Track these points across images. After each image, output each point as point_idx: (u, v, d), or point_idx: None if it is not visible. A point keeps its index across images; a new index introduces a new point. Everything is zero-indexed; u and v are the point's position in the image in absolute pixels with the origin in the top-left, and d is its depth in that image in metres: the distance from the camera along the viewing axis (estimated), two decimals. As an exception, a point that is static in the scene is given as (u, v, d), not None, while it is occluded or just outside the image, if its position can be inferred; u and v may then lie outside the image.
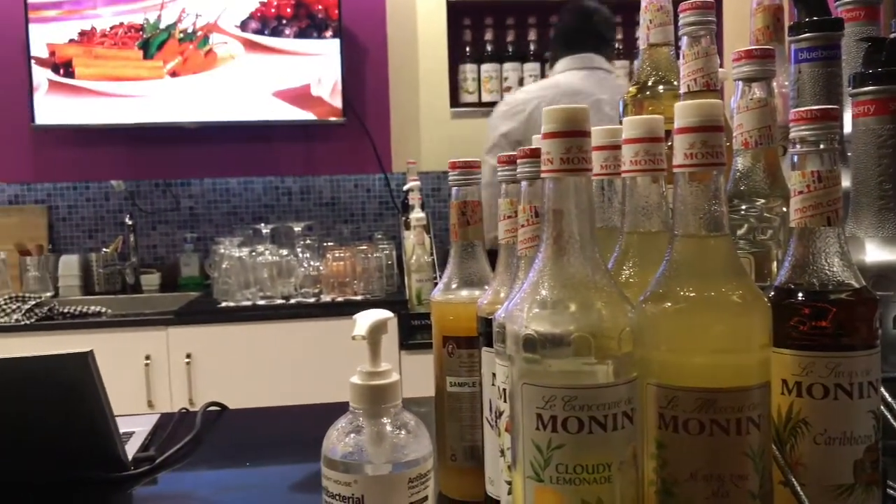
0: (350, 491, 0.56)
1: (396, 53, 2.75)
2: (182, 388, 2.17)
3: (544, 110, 0.54)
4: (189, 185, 2.83)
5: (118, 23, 2.53)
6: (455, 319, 0.78)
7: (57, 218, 2.79)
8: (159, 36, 2.55)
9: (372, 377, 0.58)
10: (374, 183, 2.92)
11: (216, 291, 2.37)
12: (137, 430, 1.00)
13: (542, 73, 2.87)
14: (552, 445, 0.51)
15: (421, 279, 2.34)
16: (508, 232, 0.70)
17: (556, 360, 0.52)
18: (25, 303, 2.16)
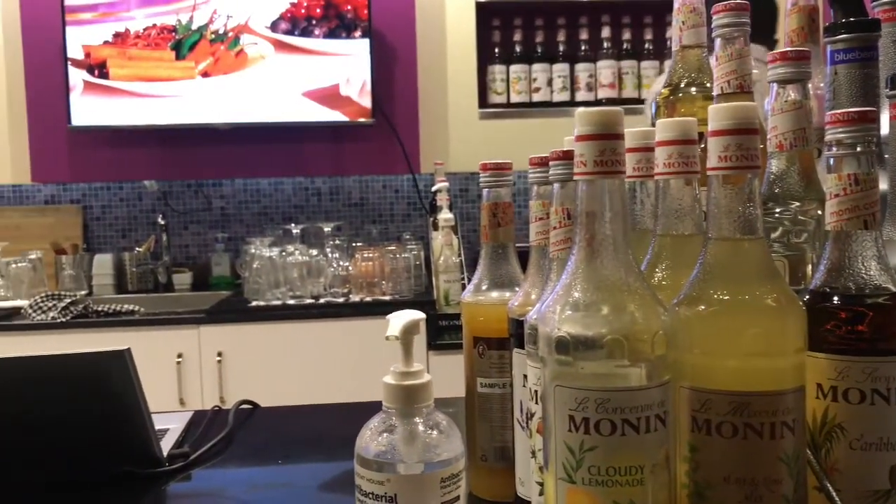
0: (383, 490, 0.56)
1: (425, 54, 2.76)
2: (213, 386, 2.19)
3: (577, 112, 0.54)
4: (220, 185, 2.86)
5: (151, 24, 2.57)
6: (485, 321, 0.79)
7: (91, 218, 2.84)
8: (191, 37, 2.58)
9: (405, 377, 0.59)
10: (402, 184, 2.93)
11: (247, 291, 2.39)
12: (172, 427, 1.02)
13: (571, 73, 2.86)
14: (584, 447, 0.51)
15: (449, 280, 2.35)
16: (540, 234, 0.71)
17: (588, 363, 0.52)
18: (61, 301, 2.20)
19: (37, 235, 2.71)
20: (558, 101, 2.86)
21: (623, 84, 2.89)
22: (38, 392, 0.80)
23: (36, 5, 2.61)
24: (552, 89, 2.87)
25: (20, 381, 0.79)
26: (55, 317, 2.17)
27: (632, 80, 2.89)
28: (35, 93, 2.64)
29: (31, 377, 0.79)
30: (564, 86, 2.86)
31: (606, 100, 2.86)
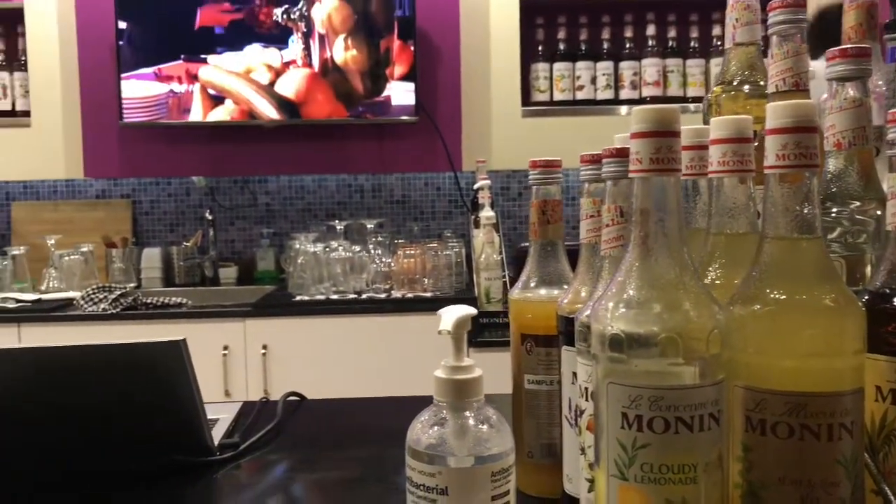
0: (434, 482, 0.57)
1: (469, 52, 2.76)
2: (257, 379, 2.23)
3: (634, 109, 0.54)
4: (266, 182, 2.91)
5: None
6: (533, 318, 0.79)
7: (140, 212, 2.90)
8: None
9: (456, 371, 0.60)
10: (443, 181, 2.94)
11: (291, 285, 2.43)
12: (222, 418, 1.04)
13: (615, 71, 2.84)
14: (637, 444, 0.51)
15: (490, 277, 2.35)
16: (591, 231, 0.71)
17: (642, 360, 0.52)
18: (112, 293, 2.26)
19: (88, 229, 2.79)
20: (602, 100, 2.84)
21: (668, 82, 2.85)
22: (94, 381, 0.82)
23: (90, 2, 2.68)
24: (596, 87, 2.85)
25: (77, 369, 0.82)
26: (106, 308, 2.22)
27: (677, 78, 2.85)
28: (88, 90, 2.70)
29: (88, 366, 0.82)
30: (608, 84, 2.84)
31: (651, 98, 2.83)
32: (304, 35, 2.62)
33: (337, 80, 2.63)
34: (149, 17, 2.62)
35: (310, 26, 2.61)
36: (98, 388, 0.81)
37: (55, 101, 2.67)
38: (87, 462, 0.87)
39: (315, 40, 2.62)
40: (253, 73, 2.61)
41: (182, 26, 2.60)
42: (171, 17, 2.62)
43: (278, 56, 2.62)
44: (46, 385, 0.80)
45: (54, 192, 2.90)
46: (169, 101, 2.60)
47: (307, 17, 2.60)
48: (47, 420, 0.83)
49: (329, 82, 2.63)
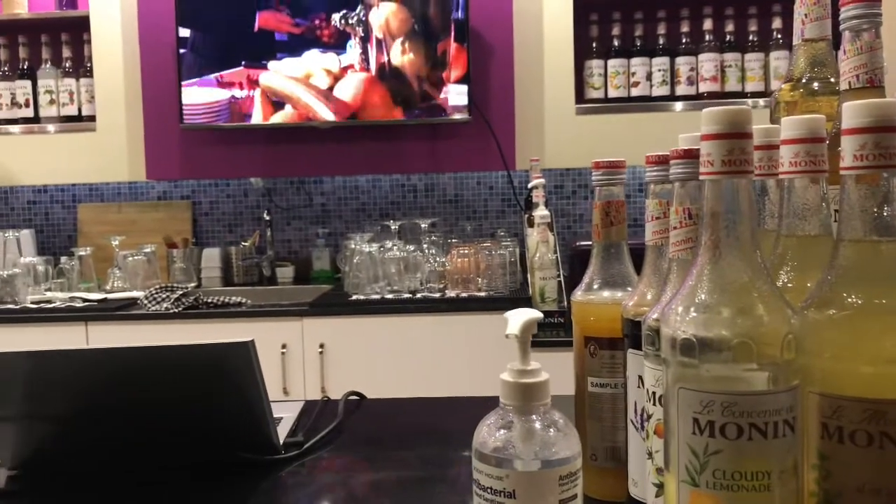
0: (502, 485, 0.57)
1: (522, 50, 2.75)
2: (315, 377, 2.26)
3: (704, 111, 0.54)
4: (321, 182, 2.95)
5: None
6: (596, 320, 0.78)
7: (200, 213, 2.97)
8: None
9: (522, 375, 0.60)
10: (496, 180, 2.94)
11: (347, 285, 2.45)
12: (285, 416, 1.06)
13: (671, 67, 2.79)
14: (709, 450, 0.51)
15: (544, 277, 2.34)
16: (657, 233, 0.70)
17: (714, 365, 0.51)
18: (174, 292, 2.32)
19: (150, 230, 2.87)
20: (658, 96, 2.80)
21: (726, 77, 2.80)
22: (166, 380, 0.84)
23: (152, 10, 2.75)
24: (651, 83, 2.81)
25: (150, 369, 0.84)
26: (168, 307, 2.28)
27: (735, 73, 2.79)
28: (150, 95, 2.78)
29: (161, 366, 0.84)
30: (664, 80, 2.80)
31: (708, 93, 2.78)
32: (361, 40, 2.64)
33: (394, 84, 2.65)
34: (209, 23, 2.67)
35: (367, 31, 2.64)
36: (169, 387, 0.84)
37: (119, 105, 2.75)
38: (158, 458, 0.90)
39: (373, 45, 2.64)
40: (312, 78, 2.65)
41: (242, 32, 2.66)
42: (230, 23, 2.67)
43: (337, 61, 2.65)
44: (121, 384, 0.83)
45: (118, 194, 2.99)
46: (230, 106, 2.66)
47: (365, 22, 2.63)
48: (121, 418, 0.86)
49: (386, 86, 2.65)
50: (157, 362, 0.83)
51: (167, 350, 0.82)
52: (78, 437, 0.88)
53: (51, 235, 3.01)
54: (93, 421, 0.86)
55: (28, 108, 2.84)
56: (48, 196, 3.01)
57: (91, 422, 0.86)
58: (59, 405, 0.85)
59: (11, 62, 2.87)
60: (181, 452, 0.89)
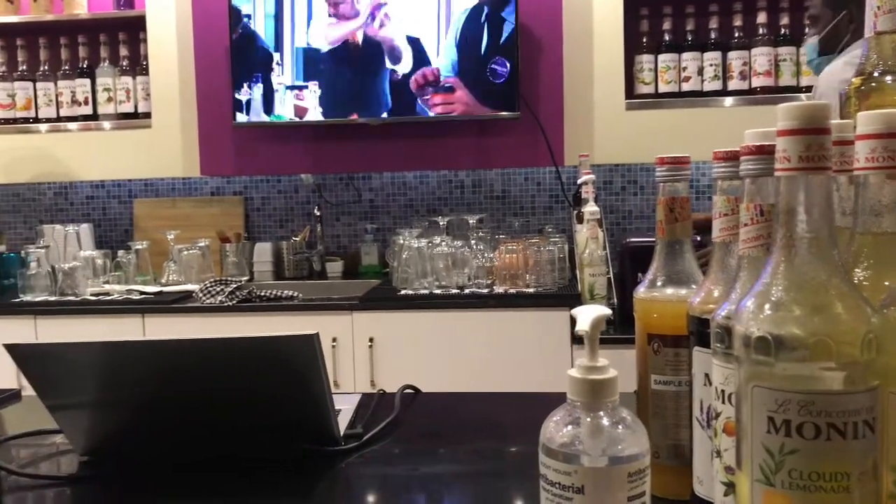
0: (570, 480, 0.57)
1: (571, 45, 2.73)
2: (364, 370, 2.29)
3: (780, 107, 0.53)
4: (370, 178, 2.97)
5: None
6: (660, 317, 0.78)
7: (252, 208, 3.02)
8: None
9: (591, 371, 0.60)
10: (544, 176, 2.93)
11: (395, 279, 2.47)
12: (343, 409, 1.08)
13: (723, 61, 2.75)
14: (785, 450, 0.50)
15: (594, 273, 2.32)
16: (724, 230, 0.69)
17: (791, 364, 0.51)
18: (228, 286, 2.37)
19: (204, 224, 2.92)
20: (709, 91, 2.76)
21: (780, 71, 2.74)
22: (232, 371, 0.86)
23: (206, 10, 2.80)
24: (703, 78, 2.76)
25: (216, 360, 0.86)
26: (223, 300, 2.33)
27: (789, 67, 2.73)
28: (204, 93, 2.83)
29: (227, 357, 0.86)
30: (716, 74, 2.75)
31: (761, 88, 2.72)
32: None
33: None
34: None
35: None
36: (236, 378, 0.86)
37: (174, 103, 2.81)
38: (222, 447, 0.92)
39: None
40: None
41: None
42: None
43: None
44: (190, 375, 0.85)
45: (172, 189, 3.05)
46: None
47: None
48: (188, 407, 0.88)
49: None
50: (225, 354, 0.85)
51: (235, 342, 0.84)
52: (146, 425, 0.91)
53: (108, 229, 3.09)
54: (161, 410, 0.89)
55: (87, 105, 2.92)
56: (105, 191, 3.09)
57: (159, 411, 0.89)
58: (129, 394, 0.87)
59: (72, 61, 2.96)
60: (245, 442, 0.91)
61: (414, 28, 2.67)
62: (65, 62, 2.94)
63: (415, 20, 2.67)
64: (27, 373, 0.84)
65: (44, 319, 2.41)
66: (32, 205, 3.12)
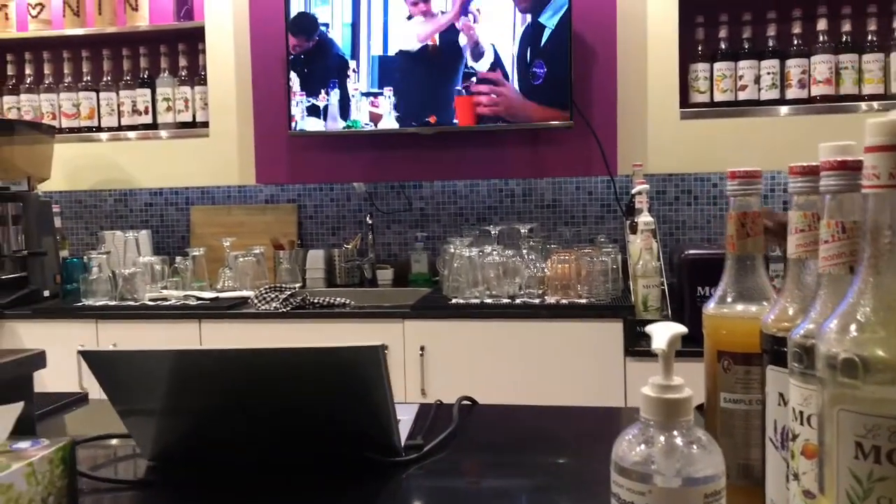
0: (644, 500, 0.57)
1: (625, 53, 2.71)
2: (415, 378, 2.29)
3: (869, 122, 0.52)
4: (420, 187, 2.99)
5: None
6: (729, 334, 0.77)
7: (305, 216, 3.06)
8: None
9: (665, 390, 0.59)
10: (595, 185, 2.90)
11: (446, 288, 2.48)
12: (403, 419, 1.08)
13: (781, 69, 2.69)
14: (874, 477, 0.49)
15: (647, 285, 2.30)
16: (801, 246, 0.67)
17: (879, 387, 0.49)
18: (282, 292, 2.40)
19: (258, 231, 2.97)
20: (766, 100, 2.70)
21: (841, 80, 2.67)
22: (298, 380, 0.87)
23: (263, 22, 2.85)
24: (760, 87, 2.71)
25: (283, 369, 0.88)
26: (277, 307, 2.36)
27: (851, 75, 2.67)
28: (261, 102, 2.88)
29: (293, 366, 0.87)
30: (774, 83, 2.70)
31: (821, 97, 2.66)
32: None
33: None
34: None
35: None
36: (302, 387, 0.87)
37: (230, 112, 2.87)
38: (285, 455, 0.93)
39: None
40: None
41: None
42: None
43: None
44: (256, 383, 0.87)
45: (228, 197, 3.11)
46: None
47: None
48: (254, 415, 0.90)
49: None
50: (291, 363, 0.86)
51: (301, 352, 0.85)
52: (212, 432, 0.92)
53: (165, 236, 3.16)
54: (227, 417, 0.90)
55: (147, 115, 3.00)
56: (163, 199, 3.17)
57: (225, 418, 0.91)
58: (197, 401, 0.89)
59: (133, 71, 3.04)
60: (307, 450, 0.92)
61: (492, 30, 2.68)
62: (126, 72, 3.03)
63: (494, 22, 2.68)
64: (100, 378, 0.87)
65: (105, 323, 2.47)
66: (94, 211, 3.21)
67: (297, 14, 2.74)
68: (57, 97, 3.06)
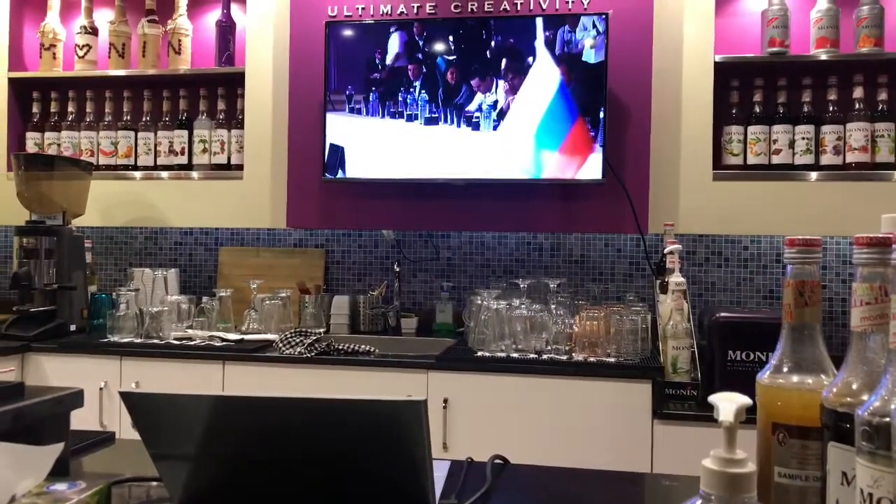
0: (706, 580, 0.54)
1: (660, 113, 2.72)
2: (438, 431, 2.26)
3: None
4: (448, 237, 2.99)
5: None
6: (785, 406, 0.74)
7: (332, 261, 3.07)
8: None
9: (729, 464, 0.57)
10: (624, 243, 2.89)
11: (472, 340, 2.45)
12: (436, 476, 1.05)
13: (816, 135, 2.69)
14: (958, 569, 0.46)
15: (677, 346, 2.26)
16: (866, 319, 0.66)
17: (965, 474, 0.47)
18: (307, 337, 2.39)
19: (285, 275, 2.98)
20: (800, 165, 2.69)
21: (877, 147, 2.66)
22: (336, 431, 0.86)
23: (303, 70, 2.91)
24: (794, 151, 2.71)
25: (321, 419, 0.86)
26: (301, 352, 2.35)
27: (887, 143, 2.66)
28: (296, 148, 2.91)
29: (332, 417, 0.86)
30: (808, 148, 2.69)
31: (856, 164, 2.65)
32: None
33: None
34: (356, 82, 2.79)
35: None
36: (340, 438, 0.85)
37: (265, 156, 2.91)
38: (317, 508, 0.91)
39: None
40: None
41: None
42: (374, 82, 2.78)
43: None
44: (294, 432, 0.85)
45: (257, 239, 3.13)
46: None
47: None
48: (289, 464, 0.88)
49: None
50: (331, 413, 0.84)
51: (342, 403, 0.83)
52: (245, 479, 0.91)
53: (193, 275, 3.18)
54: (261, 465, 0.89)
55: (183, 155, 3.05)
56: (193, 238, 3.19)
57: (259, 466, 0.89)
58: (232, 448, 0.88)
59: (172, 113, 3.10)
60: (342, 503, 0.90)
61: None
62: (165, 114, 3.09)
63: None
64: (136, 420, 0.85)
65: (129, 360, 2.47)
66: (124, 248, 3.24)
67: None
68: (96, 135, 3.12)
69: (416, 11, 2.83)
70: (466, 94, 2.73)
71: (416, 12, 2.83)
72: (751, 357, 2.02)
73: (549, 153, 2.68)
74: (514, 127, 2.70)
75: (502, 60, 2.70)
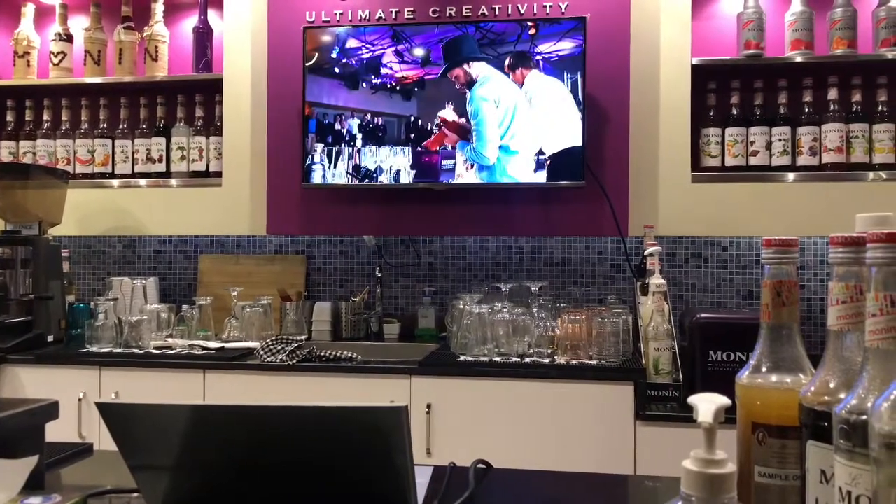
0: (688, 581, 0.54)
1: (637, 116, 2.74)
2: (421, 437, 2.25)
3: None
4: (430, 241, 2.98)
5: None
6: (764, 405, 0.75)
7: (313, 268, 3.05)
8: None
9: (709, 465, 0.57)
10: (605, 245, 2.90)
11: (454, 345, 2.45)
12: (418, 482, 1.05)
13: (792, 136, 2.72)
14: (936, 565, 0.47)
15: (659, 348, 2.27)
16: (842, 318, 0.66)
17: (941, 471, 0.47)
18: (289, 344, 2.37)
19: (266, 282, 2.96)
20: (777, 166, 2.72)
21: (852, 148, 2.70)
22: (317, 439, 0.85)
23: (282, 76, 2.89)
24: (771, 153, 2.73)
25: (302, 427, 0.85)
26: (283, 359, 2.33)
27: (862, 143, 2.69)
28: (275, 154, 2.89)
29: (313, 425, 0.85)
30: (785, 149, 2.72)
31: (832, 164, 2.68)
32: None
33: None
34: (334, 85, 2.79)
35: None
36: (320, 446, 0.84)
37: (244, 163, 2.89)
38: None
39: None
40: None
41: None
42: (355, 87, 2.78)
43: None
44: (274, 441, 0.84)
45: (237, 246, 3.11)
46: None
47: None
48: (269, 472, 0.87)
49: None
50: (311, 421, 0.84)
51: (322, 410, 0.83)
52: (224, 488, 0.90)
53: (172, 283, 3.15)
54: (241, 474, 0.88)
55: (161, 163, 3.02)
56: (172, 246, 3.17)
57: (239, 475, 0.88)
58: (212, 457, 0.87)
59: (149, 120, 3.07)
60: (322, 513, 0.89)
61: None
62: (143, 121, 3.06)
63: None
64: (114, 431, 0.84)
65: (108, 370, 2.44)
66: (102, 257, 3.21)
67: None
68: (73, 143, 3.09)
69: (394, 16, 2.83)
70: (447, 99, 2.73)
71: (394, 17, 2.83)
72: (731, 357, 2.03)
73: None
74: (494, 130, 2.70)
75: (482, 65, 2.71)
